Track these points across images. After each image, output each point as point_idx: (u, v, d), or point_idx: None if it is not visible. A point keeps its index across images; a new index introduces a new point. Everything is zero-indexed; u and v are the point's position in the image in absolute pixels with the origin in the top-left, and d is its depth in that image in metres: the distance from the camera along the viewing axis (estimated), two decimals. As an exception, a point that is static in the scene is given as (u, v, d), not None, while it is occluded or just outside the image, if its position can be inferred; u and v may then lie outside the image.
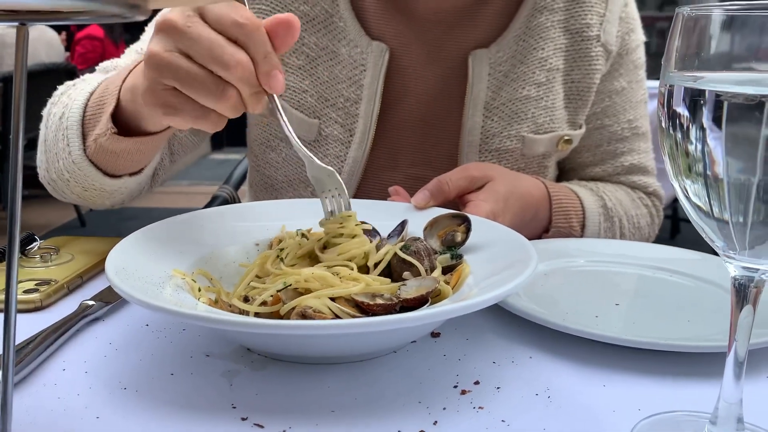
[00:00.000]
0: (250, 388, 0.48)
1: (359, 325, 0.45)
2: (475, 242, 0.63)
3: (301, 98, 0.87)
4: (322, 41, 0.86)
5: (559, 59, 0.89)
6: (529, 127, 0.88)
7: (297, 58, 0.86)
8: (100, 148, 0.71)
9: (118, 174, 0.75)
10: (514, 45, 0.87)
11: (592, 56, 0.90)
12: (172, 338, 0.56)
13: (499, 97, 0.87)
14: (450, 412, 0.45)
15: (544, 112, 0.89)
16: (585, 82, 0.90)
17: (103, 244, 0.77)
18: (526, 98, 0.88)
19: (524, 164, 0.90)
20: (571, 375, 0.51)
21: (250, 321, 0.45)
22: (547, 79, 0.88)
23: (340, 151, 0.88)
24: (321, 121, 0.87)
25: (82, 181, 0.75)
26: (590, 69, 0.90)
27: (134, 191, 0.83)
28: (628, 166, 0.97)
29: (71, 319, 0.57)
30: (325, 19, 0.86)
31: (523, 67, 0.87)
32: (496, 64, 0.86)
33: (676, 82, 0.36)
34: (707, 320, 0.59)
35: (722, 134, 0.31)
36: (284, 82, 0.56)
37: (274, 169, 0.93)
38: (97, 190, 0.76)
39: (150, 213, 3.88)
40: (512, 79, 0.87)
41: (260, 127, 0.93)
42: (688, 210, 0.37)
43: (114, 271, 0.51)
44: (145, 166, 0.77)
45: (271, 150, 0.93)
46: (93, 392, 0.47)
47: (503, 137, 0.88)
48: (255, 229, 0.67)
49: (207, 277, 0.59)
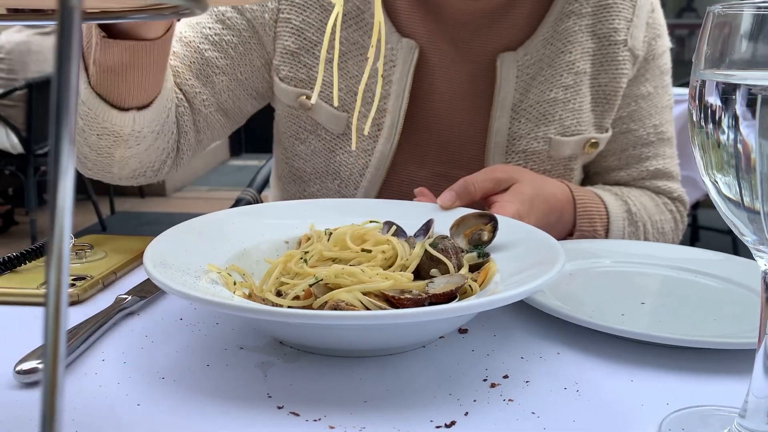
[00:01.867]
0: (284, 378, 0.50)
1: (392, 316, 0.46)
2: (502, 241, 0.64)
3: (330, 91, 0.89)
4: (353, 36, 0.88)
5: (587, 63, 0.89)
6: (556, 129, 0.89)
7: (328, 51, 0.87)
8: (99, 69, 0.70)
9: (124, 106, 0.74)
10: (542, 48, 0.88)
11: (619, 60, 0.90)
12: (207, 331, 0.57)
13: (527, 99, 0.88)
14: (480, 404, 0.46)
15: (571, 115, 0.89)
16: (612, 85, 0.91)
17: (134, 243, 0.79)
18: (554, 101, 0.88)
19: (550, 166, 0.91)
20: (598, 370, 0.52)
21: (292, 312, 0.47)
22: (574, 82, 0.89)
23: (368, 145, 0.89)
24: (350, 115, 0.89)
25: (93, 124, 0.74)
26: (617, 73, 0.91)
27: (153, 149, 0.81)
28: (653, 171, 0.98)
29: (108, 313, 0.58)
30: (356, 15, 0.87)
31: (551, 70, 0.88)
32: (524, 67, 0.87)
33: (707, 78, 0.37)
34: (733, 319, 0.60)
35: (755, 125, 0.32)
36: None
37: (302, 161, 0.95)
38: (111, 134, 0.75)
39: (170, 218, 3.93)
40: (540, 82, 0.88)
41: (289, 120, 0.94)
42: (719, 204, 0.37)
43: (152, 264, 0.53)
44: (153, 99, 0.76)
45: (300, 142, 0.94)
46: (132, 381, 0.49)
47: (530, 139, 0.89)
48: (285, 227, 0.69)
49: (240, 272, 0.61)
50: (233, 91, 0.91)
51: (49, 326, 0.19)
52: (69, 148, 0.19)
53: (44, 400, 0.22)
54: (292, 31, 0.88)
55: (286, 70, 0.90)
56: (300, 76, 0.89)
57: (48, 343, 0.19)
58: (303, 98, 0.89)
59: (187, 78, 0.87)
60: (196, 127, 0.89)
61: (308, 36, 0.88)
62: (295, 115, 0.93)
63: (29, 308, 0.62)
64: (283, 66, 0.90)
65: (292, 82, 0.90)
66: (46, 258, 0.19)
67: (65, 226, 0.18)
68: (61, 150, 0.19)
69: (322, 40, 0.87)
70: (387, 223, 0.68)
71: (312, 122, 0.92)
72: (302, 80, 0.89)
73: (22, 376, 0.48)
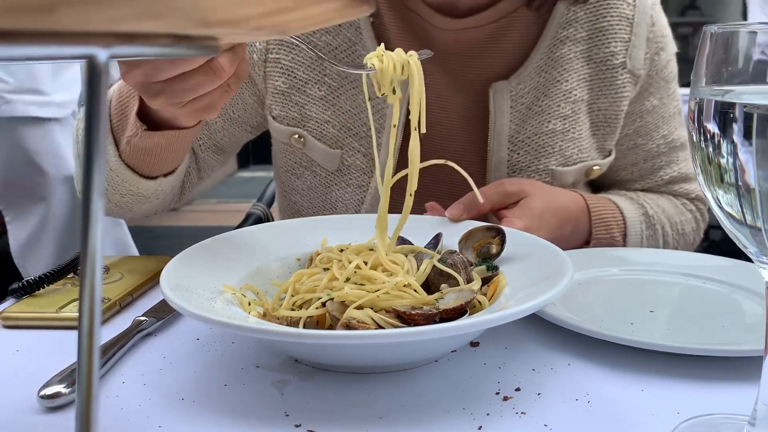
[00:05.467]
0: (301, 396, 0.51)
1: (404, 334, 0.47)
2: (511, 254, 0.65)
3: (323, 129, 0.88)
4: (345, 71, 0.88)
5: (584, 90, 0.88)
6: (558, 161, 0.88)
7: (319, 89, 0.88)
8: (134, 149, 0.73)
9: (153, 175, 0.77)
10: (536, 77, 0.87)
11: (618, 84, 0.89)
12: (223, 351, 0.58)
13: (524, 131, 0.87)
14: (494, 418, 0.47)
15: (572, 144, 0.88)
16: (612, 110, 0.90)
17: (149, 263, 0.80)
18: (553, 132, 0.87)
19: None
20: (609, 380, 0.53)
21: (306, 332, 0.48)
22: (572, 111, 0.88)
23: (363, 180, 0.89)
24: (343, 151, 0.88)
25: (120, 187, 0.77)
26: (617, 97, 0.89)
27: (166, 199, 0.85)
28: (668, 179, 0.97)
29: (127, 335, 0.60)
30: (348, 47, 0.87)
31: (548, 100, 0.87)
32: (518, 97, 0.86)
33: (705, 96, 0.38)
34: (742, 326, 0.61)
35: (753, 145, 0.33)
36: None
37: (299, 195, 0.95)
38: (134, 195, 0.78)
39: (179, 231, 3.91)
40: (536, 113, 0.87)
41: (285, 155, 0.94)
42: (721, 218, 0.38)
43: (169, 288, 0.54)
44: (178, 165, 0.80)
45: (297, 177, 0.94)
46: (153, 403, 0.50)
47: (531, 171, 0.88)
48: (297, 245, 0.70)
49: (254, 291, 0.62)
50: (227, 130, 0.92)
51: (82, 388, 0.20)
52: (98, 201, 0.20)
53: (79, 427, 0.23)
54: (281, 71, 0.88)
55: (278, 109, 0.90)
56: (292, 114, 0.89)
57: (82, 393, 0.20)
58: (296, 137, 0.90)
59: None
60: (198, 166, 0.93)
61: (298, 75, 0.88)
62: (290, 151, 0.93)
63: (49, 332, 0.63)
64: (275, 105, 0.90)
65: (285, 120, 0.90)
66: (79, 311, 0.20)
67: (96, 286, 0.19)
68: (90, 201, 0.20)
69: (313, 78, 0.88)
70: (397, 238, 0.69)
71: (307, 159, 0.92)
72: (294, 119, 0.89)
73: (46, 400, 0.49)
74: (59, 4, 0.13)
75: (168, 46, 0.22)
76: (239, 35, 0.31)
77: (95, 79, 0.21)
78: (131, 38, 0.19)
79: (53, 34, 0.17)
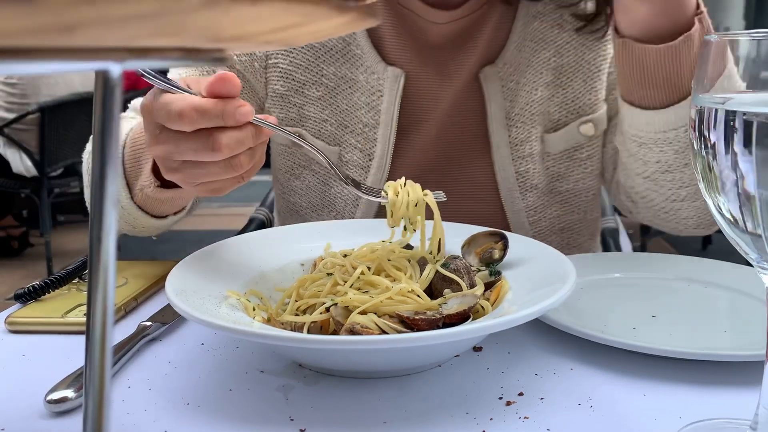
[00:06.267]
0: (305, 401, 0.51)
1: (407, 339, 0.48)
2: (513, 259, 0.65)
3: (321, 127, 0.90)
4: (340, 70, 0.89)
5: (563, 55, 0.90)
6: (545, 126, 0.90)
7: (317, 89, 0.90)
8: (146, 198, 0.75)
9: (164, 215, 0.80)
10: (517, 54, 0.89)
11: (597, 30, 0.89)
12: (227, 356, 0.59)
13: (517, 105, 0.89)
14: (497, 422, 0.48)
15: (558, 108, 0.91)
16: (600, 54, 0.90)
17: (153, 268, 0.81)
18: (540, 99, 0.90)
19: (552, 162, 0.91)
20: (611, 385, 0.53)
21: (310, 338, 0.48)
22: (554, 77, 0.90)
23: (360, 175, 0.91)
24: (341, 148, 0.90)
25: (131, 221, 0.79)
26: (603, 40, 0.90)
27: (176, 222, 0.87)
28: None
29: (132, 340, 0.60)
30: (342, 48, 0.89)
31: (531, 71, 0.90)
32: (506, 76, 0.89)
33: (705, 104, 0.38)
34: (743, 330, 0.61)
35: (752, 153, 0.33)
36: (252, 111, 0.57)
37: (298, 196, 0.97)
38: (146, 227, 0.81)
39: (182, 235, 3.92)
40: (523, 85, 0.90)
41: (284, 156, 0.96)
42: (722, 224, 0.39)
43: (174, 293, 0.54)
44: (186, 206, 0.82)
45: (295, 178, 0.96)
46: (159, 408, 0.50)
47: (532, 141, 0.90)
48: (300, 250, 0.70)
49: (258, 296, 0.62)
50: None
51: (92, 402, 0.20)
52: (111, 211, 0.20)
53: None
54: (280, 75, 0.90)
55: (276, 111, 0.91)
56: (291, 116, 0.91)
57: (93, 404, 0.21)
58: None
59: None
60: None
61: (296, 77, 0.90)
62: (289, 152, 0.95)
63: (55, 337, 0.64)
64: (273, 108, 0.92)
65: (284, 122, 0.91)
66: (86, 323, 0.20)
67: (108, 299, 0.20)
68: (103, 212, 0.20)
69: (310, 79, 0.89)
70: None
71: (305, 158, 0.93)
72: (293, 119, 0.91)
73: (53, 405, 0.49)
74: (78, 26, 0.14)
75: (179, 59, 0.22)
76: (247, 48, 0.32)
77: (108, 92, 0.21)
78: (144, 52, 0.20)
79: (69, 51, 0.18)
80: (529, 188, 0.91)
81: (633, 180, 0.88)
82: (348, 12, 0.19)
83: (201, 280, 0.60)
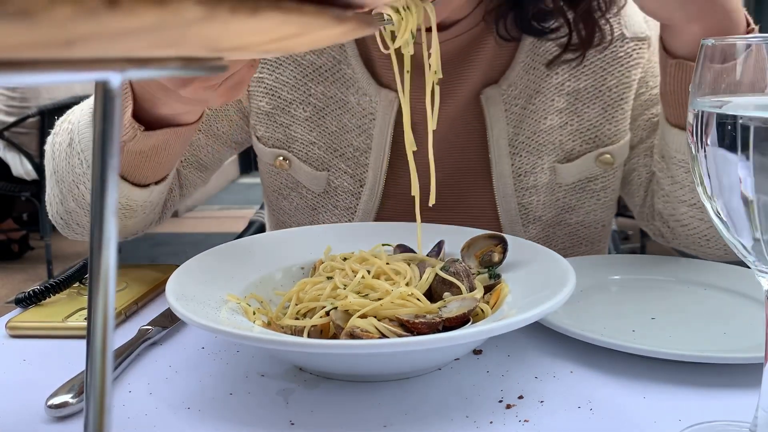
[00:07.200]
0: (305, 405, 0.51)
1: (407, 343, 0.48)
2: (513, 262, 0.65)
3: (309, 150, 0.86)
4: (329, 90, 0.84)
5: (579, 79, 0.84)
6: (557, 156, 0.85)
7: (304, 110, 0.85)
8: (129, 154, 0.71)
9: (145, 182, 0.76)
10: (525, 75, 0.83)
11: (622, 56, 0.83)
12: (228, 360, 0.59)
13: (522, 132, 0.84)
14: (497, 425, 0.48)
15: (572, 137, 0.84)
16: (623, 83, 0.83)
17: (153, 272, 0.81)
18: (550, 128, 0.84)
19: (563, 194, 0.87)
20: (611, 388, 0.53)
21: (310, 342, 0.49)
22: (568, 103, 0.84)
23: (350, 202, 0.87)
24: (330, 173, 0.86)
25: None
26: (625, 68, 0.83)
27: (149, 216, 0.82)
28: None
29: (133, 344, 0.60)
30: (332, 66, 0.84)
31: (541, 97, 0.83)
32: (510, 99, 0.83)
33: (704, 108, 0.38)
34: (742, 332, 0.61)
35: (750, 157, 0.33)
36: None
37: (287, 216, 0.93)
38: (122, 207, 0.76)
39: (181, 238, 3.91)
40: (531, 112, 0.83)
41: (271, 176, 0.92)
42: (720, 228, 0.39)
43: (175, 297, 0.54)
44: (170, 171, 0.78)
45: (283, 198, 0.92)
46: (159, 412, 0.51)
47: (537, 172, 0.84)
48: (300, 254, 0.70)
49: (258, 300, 0.63)
50: (211, 146, 0.90)
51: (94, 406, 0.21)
52: (112, 220, 0.20)
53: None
54: (265, 91, 0.86)
55: (262, 130, 0.88)
56: (277, 135, 0.87)
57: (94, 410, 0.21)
58: (281, 159, 0.87)
59: None
60: (180, 183, 0.91)
61: (282, 95, 0.86)
62: (276, 172, 0.91)
63: (55, 341, 0.64)
64: (259, 126, 0.88)
65: (269, 141, 0.88)
66: (87, 330, 0.21)
67: (109, 300, 0.20)
68: (105, 221, 0.20)
69: (297, 98, 0.85)
70: (399, 246, 0.70)
71: (293, 180, 0.89)
72: (279, 140, 0.87)
73: (54, 410, 0.50)
74: (78, 40, 0.14)
75: (178, 68, 0.23)
76: (247, 55, 0.32)
77: (109, 102, 0.21)
78: (144, 62, 0.20)
79: (69, 62, 0.18)
80: (532, 221, 0.86)
81: (676, 208, 0.82)
82: (346, 22, 0.19)
83: (201, 284, 0.60)
